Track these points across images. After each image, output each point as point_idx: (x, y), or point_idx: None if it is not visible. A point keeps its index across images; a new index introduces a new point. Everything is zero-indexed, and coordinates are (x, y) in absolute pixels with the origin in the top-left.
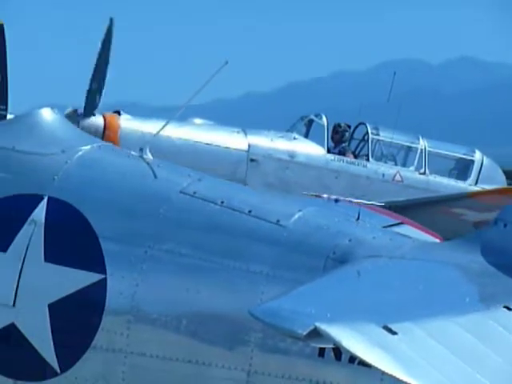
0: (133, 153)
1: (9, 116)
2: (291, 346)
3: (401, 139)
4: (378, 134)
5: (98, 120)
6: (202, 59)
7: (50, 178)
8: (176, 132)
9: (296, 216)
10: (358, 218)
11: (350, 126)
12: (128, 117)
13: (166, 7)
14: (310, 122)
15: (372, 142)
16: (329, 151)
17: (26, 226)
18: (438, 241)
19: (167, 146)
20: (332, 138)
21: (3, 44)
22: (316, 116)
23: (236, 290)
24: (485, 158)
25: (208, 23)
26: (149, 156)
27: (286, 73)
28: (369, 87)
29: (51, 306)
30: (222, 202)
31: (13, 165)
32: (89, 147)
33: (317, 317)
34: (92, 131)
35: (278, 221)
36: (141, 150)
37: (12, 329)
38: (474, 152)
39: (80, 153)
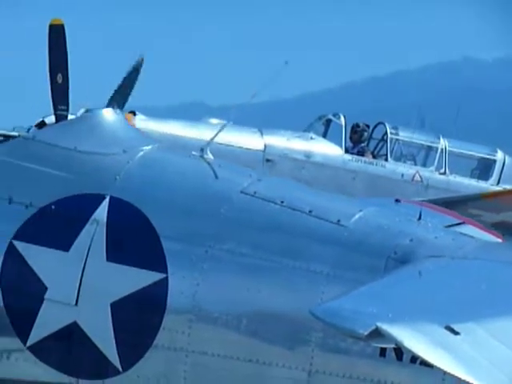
0: (194, 153)
1: (70, 116)
2: (352, 345)
3: (420, 139)
4: (397, 134)
5: None
6: (259, 58)
7: (112, 177)
8: (191, 132)
9: (357, 216)
10: (420, 218)
11: (368, 126)
12: (143, 117)
13: (220, 7)
14: (328, 121)
15: (391, 141)
16: (347, 151)
17: (88, 226)
18: (500, 241)
19: (181, 146)
20: (351, 137)
21: (64, 44)
22: (334, 115)
23: (296, 290)
24: (507, 157)
25: (270, 23)
26: (209, 156)
27: (341, 72)
28: (422, 86)
29: (113, 305)
30: (282, 202)
31: (75, 165)
32: (150, 147)
33: (378, 317)
34: None
35: (338, 221)
36: (201, 150)
37: (74, 327)
38: (496, 152)
39: (141, 153)
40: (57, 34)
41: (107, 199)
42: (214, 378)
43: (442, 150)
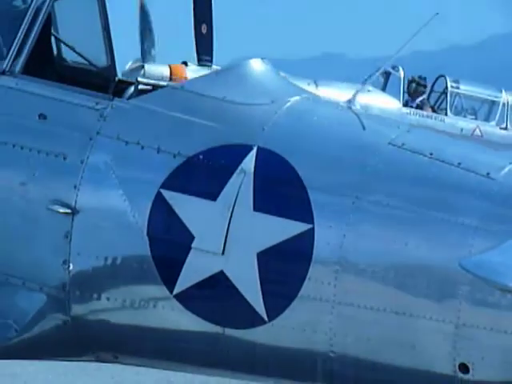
0: (341, 104)
1: (214, 67)
2: (500, 299)
3: (482, 93)
4: (458, 88)
5: (163, 69)
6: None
7: (260, 128)
8: None
9: (506, 169)
10: None
11: (425, 79)
12: (194, 68)
13: None
14: (388, 74)
15: (451, 95)
16: (406, 105)
17: (235, 176)
18: None
19: None
20: (409, 92)
21: None
22: (393, 68)
23: (444, 242)
24: None
25: None
26: (357, 107)
27: (489, 26)
28: None
29: (260, 255)
30: (431, 154)
31: (223, 115)
32: (298, 98)
33: None
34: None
35: (488, 173)
36: (349, 101)
37: (221, 277)
38: None
39: (289, 103)
40: None
41: (254, 149)
42: (359, 328)
43: (503, 104)
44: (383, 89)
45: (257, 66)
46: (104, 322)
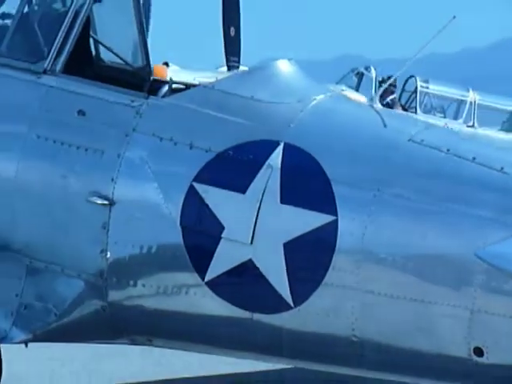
0: (363, 102)
1: (241, 68)
2: None
3: (450, 92)
4: (427, 87)
5: None
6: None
7: (286, 125)
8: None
9: None
10: None
11: (395, 79)
12: (176, 68)
13: None
14: (361, 74)
15: (421, 94)
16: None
17: (263, 170)
18: None
19: None
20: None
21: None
22: (366, 69)
23: (461, 233)
24: None
25: None
26: (378, 105)
27: (502, 28)
28: None
29: (286, 245)
30: (448, 150)
31: (251, 113)
32: (322, 96)
33: None
34: None
35: (501, 168)
36: (370, 99)
37: (249, 265)
38: None
39: (314, 102)
40: None
41: (281, 145)
42: (379, 314)
43: (471, 102)
44: (356, 89)
45: (284, 66)
46: (139, 307)
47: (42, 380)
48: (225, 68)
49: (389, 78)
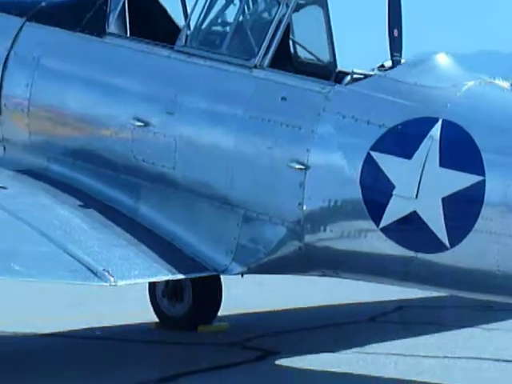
0: (507, 87)
1: (402, 61)
2: None
3: None
4: None
5: None
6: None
7: (444, 105)
8: None
9: None
10: None
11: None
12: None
13: None
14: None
15: None
16: None
17: (425, 140)
18: None
19: None
20: None
21: (399, 4)
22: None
23: None
24: None
25: None
26: (507, 87)
27: None
28: None
29: (444, 199)
30: None
31: (416, 96)
32: (472, 82)
33: None
34: None
35: None
36: (511, 84)
37: (414, 215)
38: None
39: (466, 87)
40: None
41: (440, 121)
42: None
43: None
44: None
45: (441, 58)
46: (328, 248)
47: (256, 301)
48: (389, 62)
49: None
